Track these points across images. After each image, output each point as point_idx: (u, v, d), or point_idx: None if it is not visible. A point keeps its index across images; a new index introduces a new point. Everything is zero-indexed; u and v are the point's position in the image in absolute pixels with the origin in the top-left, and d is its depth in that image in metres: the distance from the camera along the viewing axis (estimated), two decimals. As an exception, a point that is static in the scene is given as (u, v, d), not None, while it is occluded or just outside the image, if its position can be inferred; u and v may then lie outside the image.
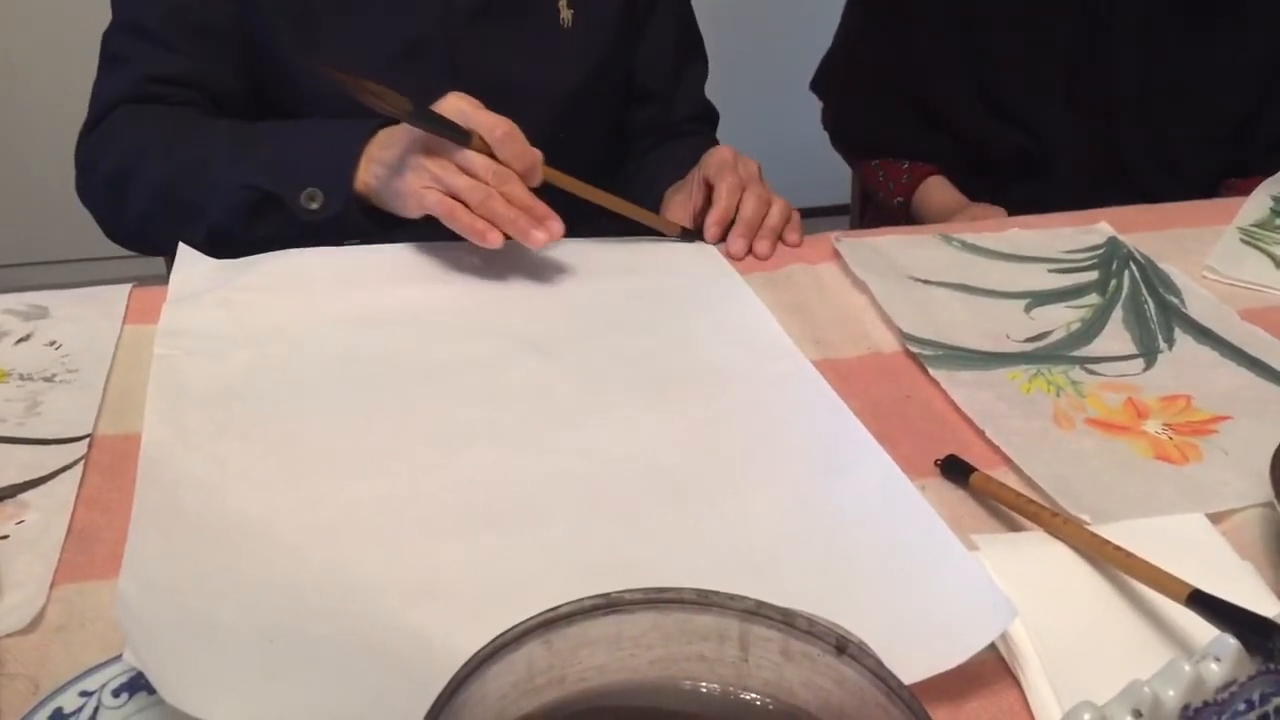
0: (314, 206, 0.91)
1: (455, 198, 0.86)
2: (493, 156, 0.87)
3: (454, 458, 0.69)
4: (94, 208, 1.04)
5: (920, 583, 0.60)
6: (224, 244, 0.93)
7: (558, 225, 0.87)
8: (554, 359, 0.81)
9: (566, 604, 0.41)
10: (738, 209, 0.99)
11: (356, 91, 0.84)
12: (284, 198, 0.92)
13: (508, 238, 0.87)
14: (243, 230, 0.93)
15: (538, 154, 0.89)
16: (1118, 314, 0.91)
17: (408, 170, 0.87)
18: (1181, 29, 1.27)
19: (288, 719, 0.48)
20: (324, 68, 0.85)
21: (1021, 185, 1.28)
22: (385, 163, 0.89)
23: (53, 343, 0.80)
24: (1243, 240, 1.05)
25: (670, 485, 0.68)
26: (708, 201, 1.01)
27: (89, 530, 0.62)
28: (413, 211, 0.88)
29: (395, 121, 0.89)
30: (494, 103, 1.04)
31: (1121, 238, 1.04)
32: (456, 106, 0.87)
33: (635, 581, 0.43)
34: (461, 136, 0.85)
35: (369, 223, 0.92)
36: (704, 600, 0.43)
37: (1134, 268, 0.98)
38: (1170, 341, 0.87)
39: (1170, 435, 0.75)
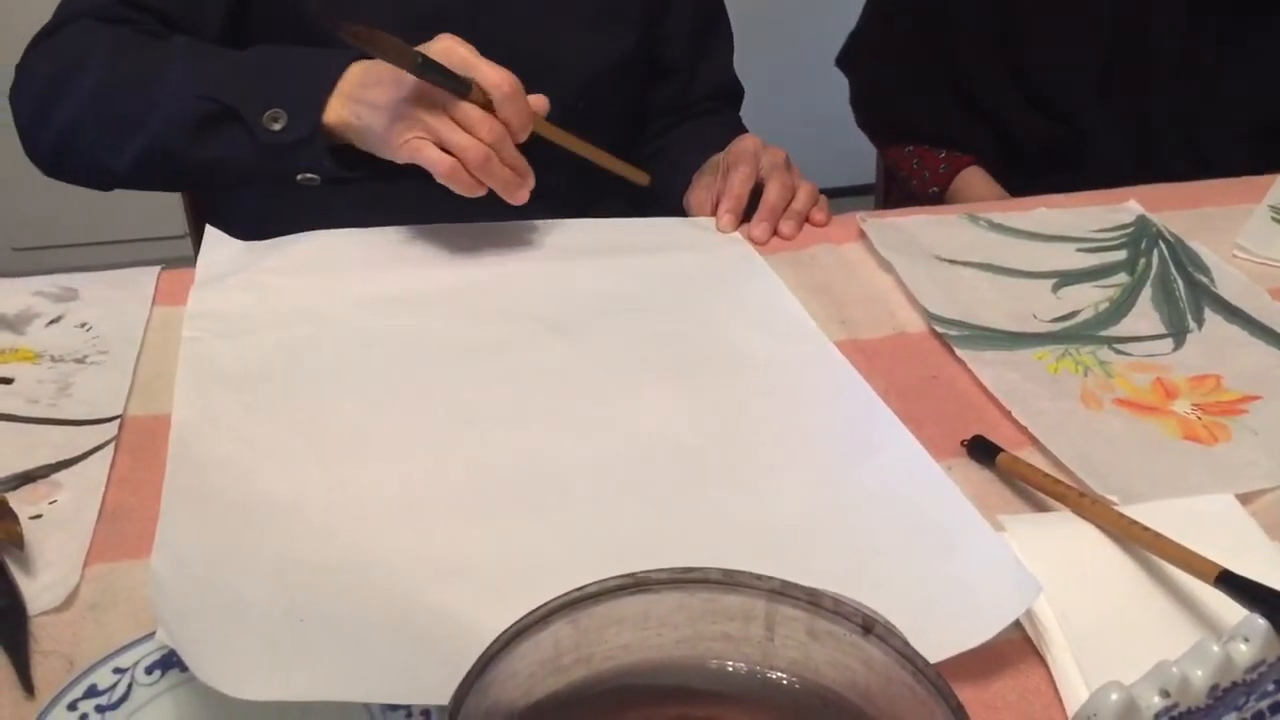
0: (276, 127, 0.86)
1: (450, 153, 0.83)
2: (487, 108, 0.83)
3: (480, 438, 0.69)
4: (20, 112, 0.96)
5: (945, 562, 0.60)
6: (156, 166, 0.89)
7: (532, 180, 0.88)
8: (578, 340, 0.81)
9: (593, 583, 0.42)
10: (762, 195, 0.99)
11: (364, 42, 0.80)
12: (243, 114, 0.86)
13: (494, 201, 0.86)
14: (185, 147, 0.88)
15: (532, 111, 0.86)
16: (1146, 293, 0.91)
17: (398, 118, 0.83)
18: (1220, 26, 1.25)
19: (317, 696, 0.48)
20: (330, 18, 0.81)
21: (1052, 177, 1.27)
22: (370, 103, 0.84)
23: (83, 324, 0.81)
24: (1273, 218, 1.03)
25: (695, 466, 0.68)
26: None
27: (120, 510, 0.63)
28: (400, 159, 0.85)
29: (370, 56, 0.85)
30: (515, 72, 1.04)
31: (1150, 216, 1.03)
32: (455, 52, 0.83)
33: (660, 562, 0.43)
34: (462, 88, 0.82)
35: (331, 161, 0.87)
36: (730, 580, 0.43)
37: (1163, 246, 0.97)
38: (1200, 321, 0.87)
39: (1199, 415, 0.74)
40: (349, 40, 0.80)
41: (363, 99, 0.85)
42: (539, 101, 0.87)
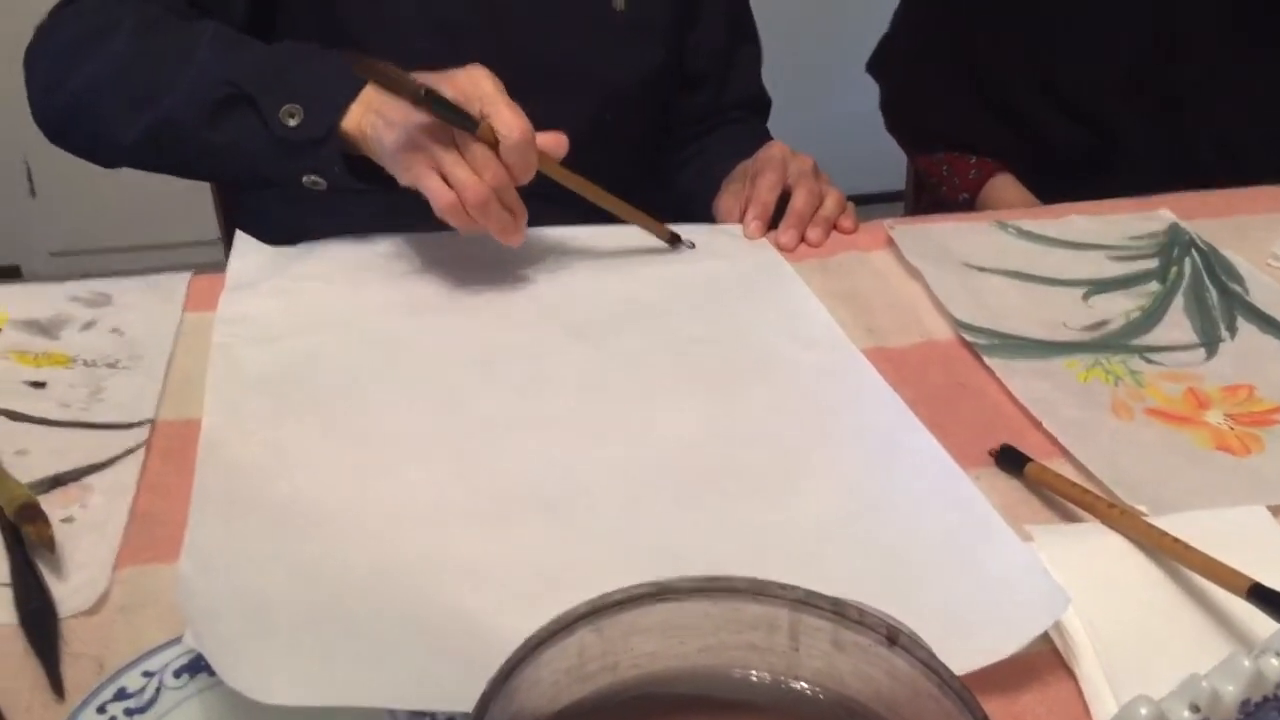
0: (291, 123, 0.84)
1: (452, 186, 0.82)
2: (496, 146, 0.80)
3: (505, 444, 0.69)
4: (35, 72, 0.95)
5: (973, 573, 0.59)
6: (165, 144, 0.89)
7: (525, 221, 0.86)
8: (604, 346, 0.81)
9: (618, 591, 0.42)
10: (789, 202, 0.99)
11: (367, 73, 0.80)
12: (260, 104, 0.85)
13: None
14: (198, 128, 0.87)
15: (537, 160, 0.83)
16: (1178, 302, 0.90)
17: (407, 142, 0.81)
18: (1254, 27, 1.24)
19: (342, 701, 0.49)
20: (346, 59, 0.81)
21: (1085, 182, 1.26)
22: (385, 117, 0.82)
23: (116, 329, 0.82)
24: (1309, 227, 1.02)
25: (720, 473, 0.68)
26: None
27: (150, 513, 0.64)
28: (403, 181, 0.83)
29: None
30: (545, 86, 1.04)
31: (1183, 224, 1.02)
32: (480, 85, 0.81)
33: (685, 569, 0.43)
34: (468, 124, 0.80)
35: (342, 166, 0.86)
36: (755, 589, 0.43)
37: (1195, 255, 0.97)
38: (1232, 330, 0.86)
39: (1232, 425, 0.74)
40: (357, 70, 0.79)
41: (380, 111, 0.83)
42: (556, 141, 0.85)
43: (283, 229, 0.94)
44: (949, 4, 1.35)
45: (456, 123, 0.80)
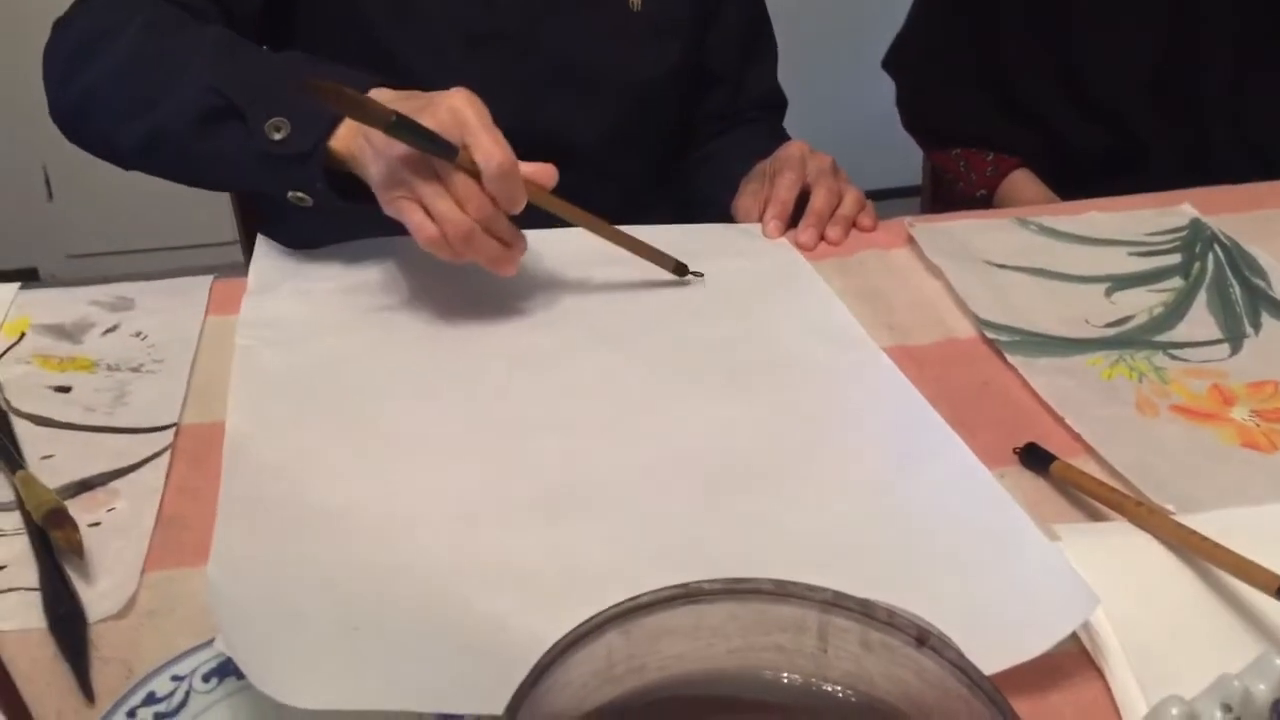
0: (276, 136, 0.81)
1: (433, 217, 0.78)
2: (480, 176, 0.76)
3: (530, 446, 0.70)
4: (50, 68, 0.94)
5: (1000, 572, 0.59)
6: (158, 151, 0.88)
7: (522, 249, 0.82)
8: (625, 347, 0.81)
9: (646, 594, 0.42)
10: (809, 201, 0.99)
11: (335, 101, 0.75)
12: (247, 116, 0.82)
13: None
14: (186, 137, 0.85)
15: (524, 189, 0.78)
16: (1202, 298, 0.89)
17: (388, 173, 0.77)
18: (1275, 29, 1.23)
19: (372, 704, 0.49)
20: (306, 80, 0.75)
21: (1106, 181, 1.25)
22: (372, 144, 0.78)
23: (139, 333, 0.82)
24: (1333, 220, 1.02)
25: (745, 474, 0.67)
26: None
27: (177, 517, 0.64)
28: (387, 212, 0.80)
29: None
30: (566, 88, 1.05)
31: (1205, 219, 1.01)
32: (460, 113, 0.76)
33: (711, 571, 0.43)
34: (445, 152, 0.75)
35: (325, 184, 0.82)
36: (782, 591, 0.43)
37: (1218, 250, 0.96)
38: (1257, 326, 0.85)
39: (1258, 422, 0.73)
40: (313, 94, 0.75)
41: (368, 136, 0.78)
42: (544, 172, 0.80)
43: (301, 232, 0.94)
44: (965, 1, 1.35)
45: (432, 151, 0.75)
